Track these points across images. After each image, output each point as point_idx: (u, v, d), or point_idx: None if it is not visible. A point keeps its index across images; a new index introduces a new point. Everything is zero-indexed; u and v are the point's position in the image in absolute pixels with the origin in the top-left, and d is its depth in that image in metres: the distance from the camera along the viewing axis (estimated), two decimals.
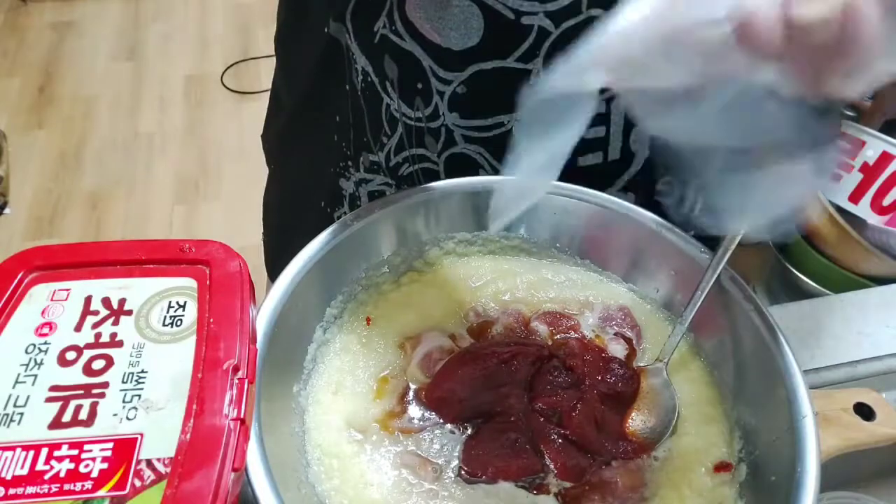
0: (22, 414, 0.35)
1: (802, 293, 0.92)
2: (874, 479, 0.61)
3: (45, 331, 0.39)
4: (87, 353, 0.38)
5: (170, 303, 0.41)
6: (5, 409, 0.35)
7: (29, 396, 0.36)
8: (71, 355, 0.38)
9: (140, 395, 0.37)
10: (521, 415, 0.50)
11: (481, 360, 0.52)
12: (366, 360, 0.53)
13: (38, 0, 2.93)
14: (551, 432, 0.49)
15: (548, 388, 0.51)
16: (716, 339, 0.54)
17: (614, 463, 0.49)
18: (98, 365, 0.38)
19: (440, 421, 0.50)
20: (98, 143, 2.39)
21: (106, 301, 0.41)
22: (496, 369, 0.51)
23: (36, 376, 0.37)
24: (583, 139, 0.62)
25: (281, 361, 0.47)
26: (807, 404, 0.45)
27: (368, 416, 0.50)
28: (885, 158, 0.91)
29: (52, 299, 0.40)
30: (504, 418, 0.50)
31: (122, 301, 0.41)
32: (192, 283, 0.42)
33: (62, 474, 0.33)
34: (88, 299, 0.41)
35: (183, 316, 0.40)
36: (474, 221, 0.60)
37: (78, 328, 0.39)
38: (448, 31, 0.58)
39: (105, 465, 0.33)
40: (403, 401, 0.51)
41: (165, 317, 0.40)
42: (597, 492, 0.47)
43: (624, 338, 0.56)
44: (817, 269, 0.93)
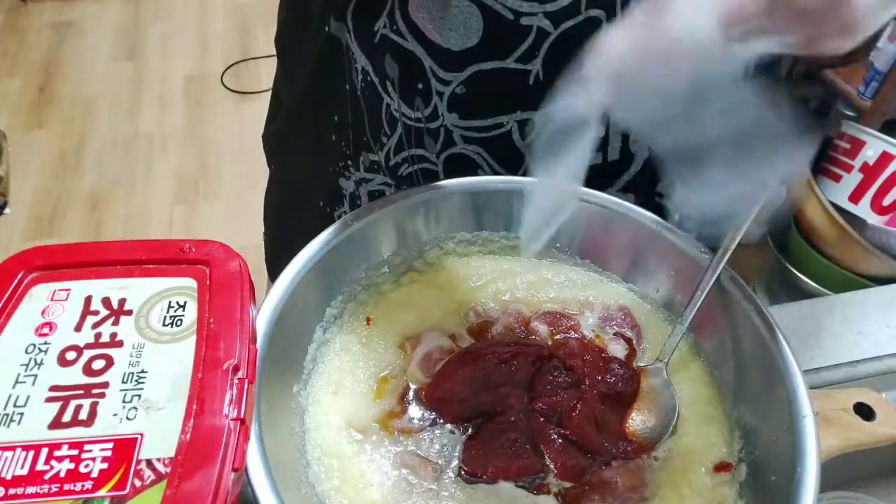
0: (22, 414, 0.35)
1: (802, 293, 0.93)
2: (874, 479, 0.61)
3: (45, 331, 0.39)
4: (87, 353, 0.38)
5: (170, 303, 0.41)
6: (5, 409, 0.35)
7: (29, 396, 0.36)
8: (71, 355, 0.38)
9: (140, 395, 0.37)
10: (521, 415, 0.50)
11: (481, 360, 0.52)
12: (366, 360, 0.53)
13: (38, 0, 2.94)
14: (551, 432, 0.49)
15: (548, 388, 0.51)
16: (716, 339, 0.54)
17: (614, 463, 0.49)
18: (98, 365, 0.38)
19: (440, 421, 0.50)
20: (98, 143, 2.39)
21: (106, 301, 0.41)
22: (496, 369, 0.51)
23: (36, 376, 0.37)
24: None
25: (281, 361, 0.47)
26: (807, 404, 0.45)
27: (368, 416, 0.50)
28: (885, 158, 0.91)
29: (52, 299, 0.40)
30: (504, 418, 0.50)
31: (122, 301, 0.41)
32: (192, 283, 0.42)
33: (62, 474, 0.33)
34: (88, 299, 0.41)
35: (183, 316, 0.40)
36: (474, 221, 0.60)
37: (78, 328, 0.39)
38: (448, 32, 0.58)
39: (105, 465, 0.33)
40: (403, 401, 0.51)
41: (165, 317, 0.40)
42: (597, 492, 0.47)
43: (624, 338, 0.56)
44: (817, 269, 0.93)
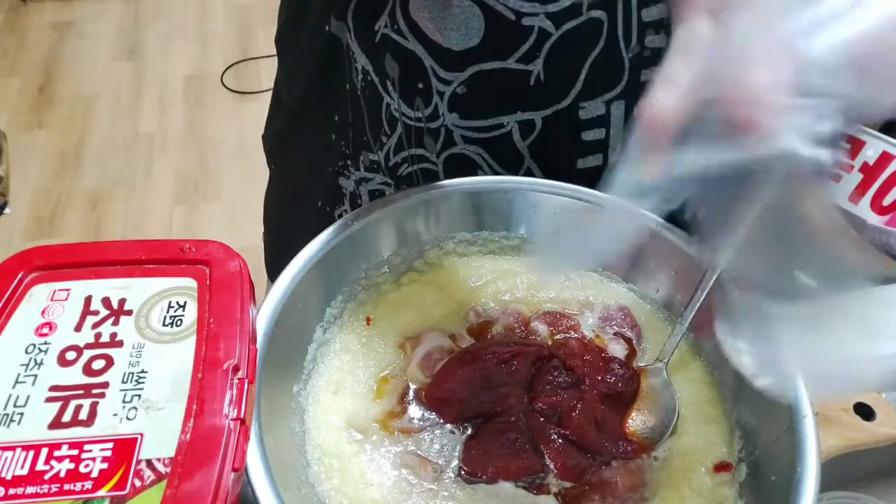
0: (22, 414, 0.35)
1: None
2: (874, 479, 0.61)
3: (45, 331, 0.39)
4: (87, 353, 0.38)
5: (170, 303, 0.41)
6: (5, 409, 0.35)
7: (29, 396, 0.36)
8: (71, 355, 0.38)
9: (140, 395, 0.37)
10: (521, 415, 0.50)
11: (481, 360, 0.52)
12: (366, 360, 0.53)
13: (38, 0, 2.93)
14: (551, 432, 0.49)
15: (548, 388, 0.51)
16: (716, 339, 0.53)
17: (614, 463, 0.49)
18: (98, 365, 0.38)
19: (440, 421, 0.50)
20: (98, 143, 2.39)
21: (106, 301, 0.41)
22: (496, 369, 0.51)
23: (36, 376, 0.37)
24: (582, 142, 0.63)
25: (281, 361, 0.47)
26: (807, 404, 0.45)
27: (368, 416, 0.50)
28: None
29: (52, 299, 0.40)
30: (504, 418, 0.50)
31: (122, 301, 0.41)
32: (192, 283, 0.42)
33: (62, 474, 0.33)
34: (88, 299, 0.41)
35: (183, 316, 0.40)
36: (474, 221, 0.60)
37: (78, 328, 0.39)
38: (449, 32, 0.58)
39: (105, 465, 0.33)
40: (403, 401, 0.51)
41: (165, 317, 0.40)
42: (597, 492, 0.47)
43: (624, 338, 0.56)
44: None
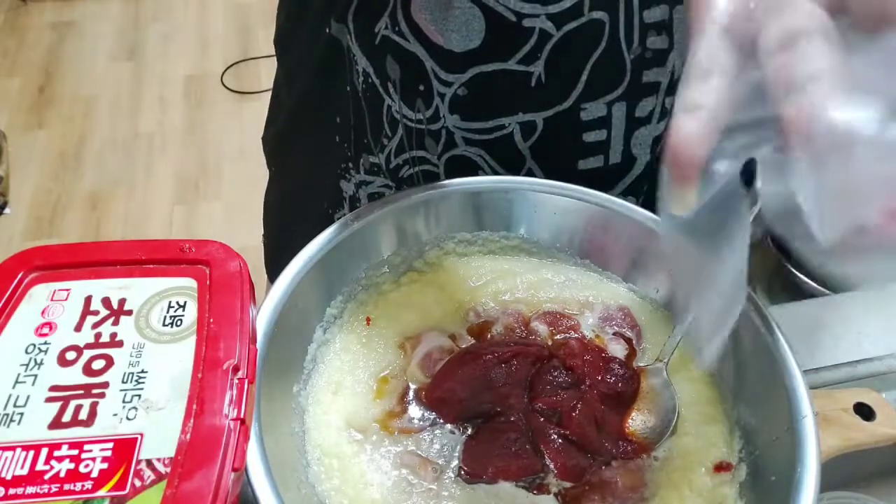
0: (22, 414, 0.35)
1: (802, 293, 0.92)
2: (874, 479, 0.61)
3: (45, 331, 0.39)
4: (87, 353, 0.38)
5: (170, 303, 0.41)
6: (5, 409, 0.35)
7: (29, 396, 0.36)
8: (71, 355, 0.38)
9: (140, 395, 0.37)
10: (521, 415, 0.50)
11: (481, 360, 0.52)
12: (366, 360, 0.53)
13: (38, 0, 2.93)
14: (551, 432, 0.49)
15: (548, 388, 0.51)
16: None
17: (614, 463, 0.49)
18: (98, 365, 0.38)
19: (440, 421, 0.50)
20: (98, 143, 2.39)
21: (106, 301, 0.41)
22: (496, 369, 0.51)
23: (36, 376, 0.37)
24: (583, 143, 0.63)
25: (281, 361, 0.47)
26: (807, 404, 0.45)
27: (368, 416, 0.50)
28: None
29: (52, 299, 0.40)
30: (504, 418, 0.50)
31: (122, 301, 0.41)
32: (192, 283, 0.42)
33: (62, 474, 0.33)
34: (88, 299, 0.41)
35: (183, 316, 0.40)
36: (474, 221, 0.60)
37: (78, 328, 0.39)
38: (449, 33, 0.58)
39: (105, 465, 0.33)
40: (403, 401, 0.51)
41: (165, 317, 0.40)
42: (597, 492, 0.47)
43: (624, 338, 0.56)
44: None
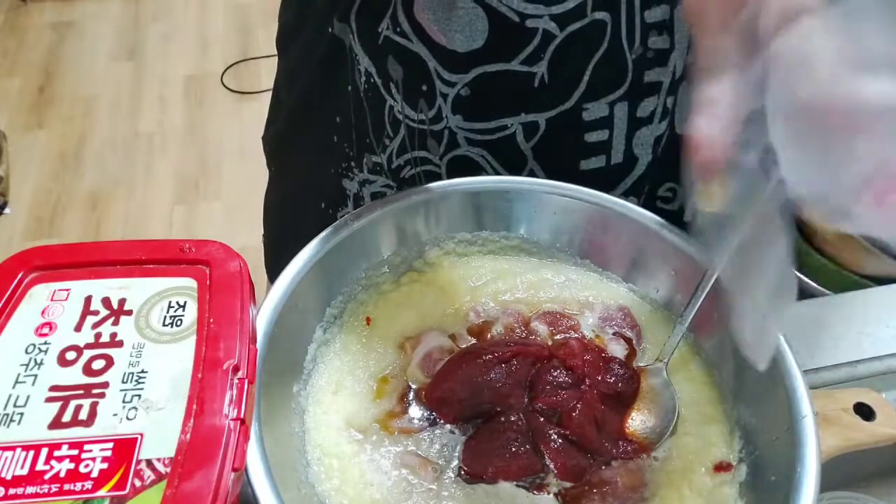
0: (22, 414, 0.35)
1: (802, 293, 0.92)
2: (874, 479, 0.61)
3: (45, 331, 0.39)
4: (87, 353, 0.38)
5: (170, 303, 0.41)
6: (5, 409, 0.35)
7: (29, 396, 0.36)
8: (71, 355, 0.38)
9: (140, 395, 0.37)
10: (521, 415, 0.50)
11: (481, 360, 0.52)
12: (366, 360, 0.53)
13: (38, 0, 2.94)
14: (551, 432, 0.49)
15: (548, 388, 0.51)
16: (716, 339, 0.54)
17: (614, 463, 0.49)
18: (98, 365, 0.38)
19: (440, 421, 0.50)
20: (98, 143, 2.39)
21: (106, 301, 0.41)
22: (496, 369, 0.51)
23: (36, 376, 0.37)
24: (585, 143, 0.63)
25: (281, 361, 0.47)
26: (807, 404, 0.45)
27: (368, 416, 0.50)
28: None
29: (52, 299, 0.40)
30: (504, 418, 0.50)
31: (122, 301, 0.41)
32: (192, 283, 0.42)
33: (62, 474, 0.33)
34: (88, 299, 0.41)
35: (183, 316, 0.40)
36: (474, 221, 0.60)
37: (78, 328, 0.39)
38: (453, 34, 0.57)
39: (105, 465, 0.33)
40: (403, 401, 0.51)
41: (165, 317, 0.40)
42: (597, 492, 0.47)
43: (624, 338, 0.56)
44: (817, 269, 0.93)
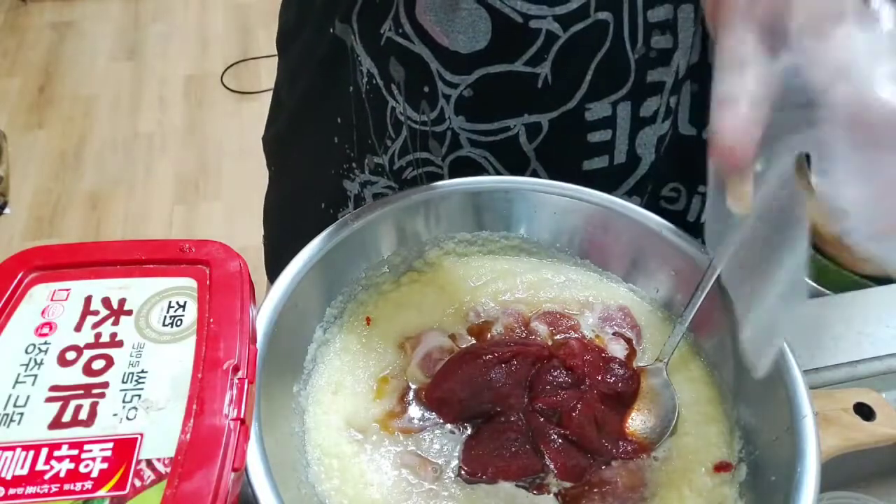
0: (22, 414, 0.35)
1: None
2: (874, 479, 0.61)
3: (45, 331, 0.39)
4: (87, 353, 0.38)
5: (170, 303, 0.41)
6: (5, 409, 0.35)
7: (29, 396, 0.36)
8: (71, 355, 0.38)
9: (140, 395, 0.37)
10: (521, 415, 0.50)
11: (481, 360, 0.52)
12: (366, 360, 0.53)
13: (38, 0, 2.94)
14: (551, 432, 0.49)
15: (548, 388, 0.51)
16: (716, 339, 0.54)
17: (614, 463, 0.49)
18: (98, 365, 0.38)
19: (440, 421, 0.50)
20: (98, 143, 2.39)
21: (106, 301, 0.41)
22: (496, 369, 0.51)
23: (36, 376, 0.37)
24: (588, 143, 0.63)
25: (281, 361, 0.47)
26: (807, 404, 0.45)
27: (368, 416, 0.50)
28: None
29: (52, 299, 0.40)
30: (504, 418, 0.50)
31: (122, 301, 0.41)
32: (192, 283, 0.42)
33: (62, 474, 0.33)
34: (88, 299, 0.41)
35: (183, 316, 0.40)
36: (474, 221, 0.60)
37: (78, 328, 0.39)
38: (456, 34, 0.57)
39: (105, 465, 0.33)
40: (403, 401, 0.51)
41: (165, 317, 0.40)
42: (597, 492, 0.47)
43: (624, 338, 0.56)
44: (817, 269, 0.93)
